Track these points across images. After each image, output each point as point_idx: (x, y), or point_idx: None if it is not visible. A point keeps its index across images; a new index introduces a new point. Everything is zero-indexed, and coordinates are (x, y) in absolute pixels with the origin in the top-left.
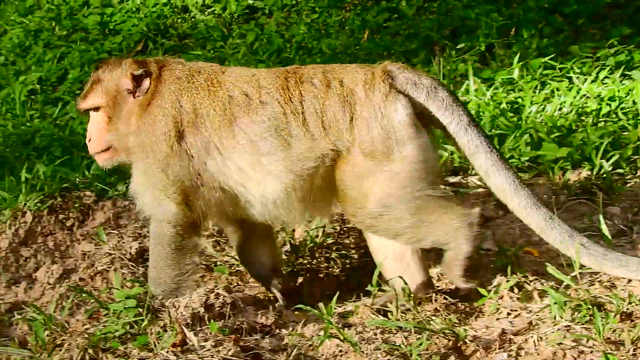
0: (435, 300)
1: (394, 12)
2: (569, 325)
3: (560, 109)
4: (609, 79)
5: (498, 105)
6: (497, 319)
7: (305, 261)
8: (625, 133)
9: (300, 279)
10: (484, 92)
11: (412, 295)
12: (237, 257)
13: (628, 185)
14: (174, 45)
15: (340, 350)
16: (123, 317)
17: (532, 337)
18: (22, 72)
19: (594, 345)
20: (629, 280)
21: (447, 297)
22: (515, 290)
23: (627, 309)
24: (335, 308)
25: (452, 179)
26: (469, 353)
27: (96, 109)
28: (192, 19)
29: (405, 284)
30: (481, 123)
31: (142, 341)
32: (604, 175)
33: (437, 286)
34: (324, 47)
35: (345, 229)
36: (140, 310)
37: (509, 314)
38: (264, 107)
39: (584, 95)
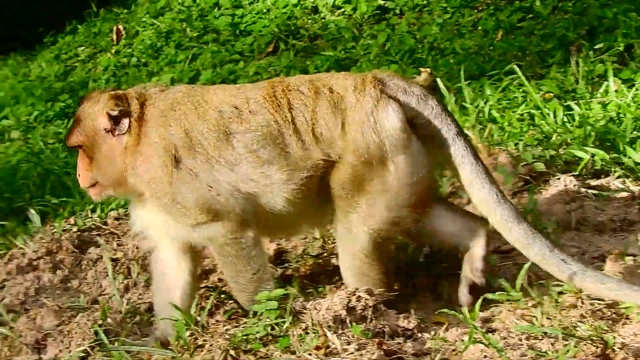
0: (581, 306)
1: (528, 11)
2: None
3: None
4: None
5: None
6: None
7: (445, 264)
8: None
9: (439, 283)
10: (625, 93)
11: (558, 301)
12: None
13: None
14: (304, 46)
15: (485, 356)
16: (264, 319)
17: None
18: (154, 74)
19: None
20: None
21: (593, 302)
22: None
23: None
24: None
25: (593, 182)
26: None
27: (79, 146)
28: (323, 20)
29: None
30: (622, 125)
31: (284, 343)
32: None
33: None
34: (457, 47)
35: None
36: (282, 311)
37: None
38: (254, 116)
39: None
